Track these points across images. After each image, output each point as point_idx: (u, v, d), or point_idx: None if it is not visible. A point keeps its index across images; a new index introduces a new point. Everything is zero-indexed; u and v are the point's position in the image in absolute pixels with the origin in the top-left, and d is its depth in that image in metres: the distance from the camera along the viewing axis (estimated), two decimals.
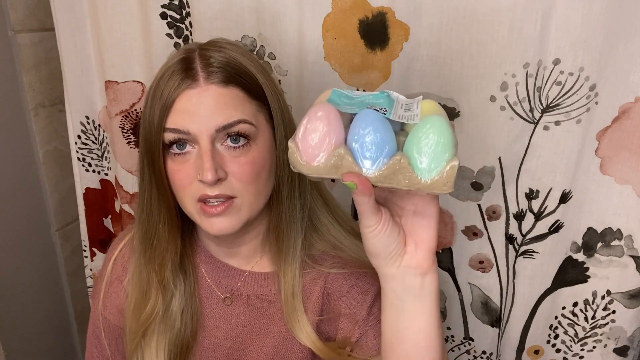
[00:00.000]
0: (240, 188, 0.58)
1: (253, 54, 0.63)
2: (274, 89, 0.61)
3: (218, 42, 0.61)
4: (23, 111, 1.01)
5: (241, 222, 0.59)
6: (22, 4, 0.97)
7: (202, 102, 0.56)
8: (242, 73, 0.58)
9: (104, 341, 0.70)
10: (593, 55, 0.66)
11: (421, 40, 0.72)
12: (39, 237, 1.09)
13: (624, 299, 0.76)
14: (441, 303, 0.89)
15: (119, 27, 0.91)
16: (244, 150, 0.57)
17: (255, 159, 0.58)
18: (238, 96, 0.57)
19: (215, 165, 0.55)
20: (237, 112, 0.56)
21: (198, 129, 0.55)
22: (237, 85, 0.57)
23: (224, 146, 0.57)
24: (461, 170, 0.77)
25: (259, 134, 0.58)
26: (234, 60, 0.58)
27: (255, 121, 0.58)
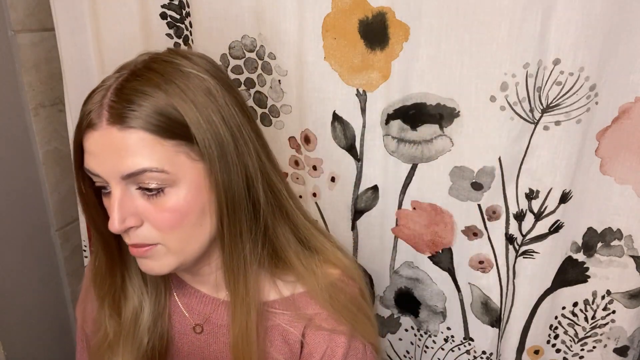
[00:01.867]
0: (160, 236, 0.53)
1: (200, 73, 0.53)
2: (211, 118, 0.51)
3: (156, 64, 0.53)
4: (23, 111, 1.01)
5: (172, 266, 0.55)
6: (22, 4, 0.97)
7: (104, 146, 0.50)
8: (156, 113, 0.49)
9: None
10: (593, 55, 0.66)
11: (421, 40, 0.72)
12: (39, 237, 1.09)
13: (624, 299, 0.76)
14: (441, 303, 0.89)
15: (119, 27, 0.91)
16: (159, 198, 0.51)
17: (175, 206, 0.51)
18: (144, 140, 0.49)
19: (123, 215, 0.51)
20: (141, 159, 0.49)
21: (105, 174, 0.51)
22: (145, 129, 0.49)
23: (139, 191, 0.51)
24: (461, 170, 0.77)
25: (178, 178, 0.51)
26: (149, 98, 0.49)
27: (171, 166, 0.50)
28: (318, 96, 0.81)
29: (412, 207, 0.84)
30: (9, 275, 1.03)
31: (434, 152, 0.78)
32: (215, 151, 0.51)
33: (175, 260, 0.54)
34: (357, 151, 0.84)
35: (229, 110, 0.53)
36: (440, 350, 0.93)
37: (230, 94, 0.55)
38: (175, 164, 0.51)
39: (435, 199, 0.81)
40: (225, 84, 0.55)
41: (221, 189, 0.52)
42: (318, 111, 0.83)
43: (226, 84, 0.55)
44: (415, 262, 0.88)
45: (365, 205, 0.88)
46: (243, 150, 0.53)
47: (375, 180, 0.85)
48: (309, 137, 0.86)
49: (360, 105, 0.80)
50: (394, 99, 0.77)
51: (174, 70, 0.52)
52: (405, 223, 0.86)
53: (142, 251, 0.53)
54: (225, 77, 0.56)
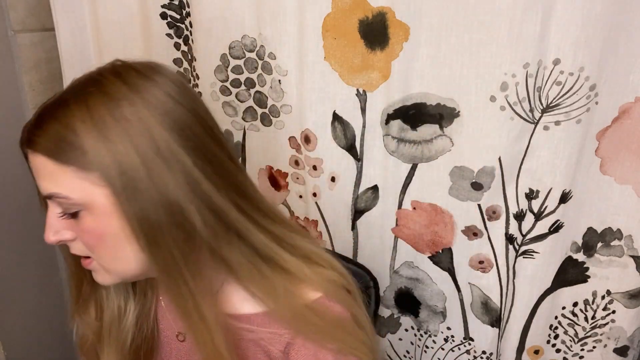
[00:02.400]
0: (91, 252, 0.53)
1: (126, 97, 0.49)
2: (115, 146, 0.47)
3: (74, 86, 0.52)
4: (23, 111, 1.01)
5: (112, 280, 0.55)
6: (22, 4, 0.97)
7: (30, 164, 0.51)
8: (54, 137, 0.47)
9: None
10: (593, 55, 0.66)
11: (421, 40, 0.72)
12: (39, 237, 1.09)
13: (624, 299, 0.76)
14: (441, 303, 0.89)
15: (119, 27, 0.91)
16: (77, 219, 0.51)
17: (89, 229, 0.50)
18: (46, 166, 0.48)
19: (55, 227, 0.52)
20: (47, 183, 0.49)
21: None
22: (44, 154, 0.48)
23: (61, 210, 0.51)
24: (461, 170, 0.77)
25: (86, 202, 0.49)
26: (51, 124, 0.48)
27: (74, 192, 0.48)
28: (318, 96, 0.81)
29: (412, 207, 0.84)
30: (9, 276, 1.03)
31: (434, 152, 0.78)
32: (119, 180, 0.48)
33: (111, 277, 0.54)
34: (357, 151, 0.84)
35: (149, 131, 0.48)
36: (440, 350, 0.93)
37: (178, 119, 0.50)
38: (78, 189, 0.48)
39: (435, 199, 0.81)
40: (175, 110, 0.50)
41: (132, 218, 0.49)
42: (318, 111, 0.83)
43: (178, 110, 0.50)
44: (415, 262, 0.88)
45: (365, 205, 0.88)
46: (162, 176, 0.48)
47: (375, 180, 0.85)
48: (309, 137, 0.86)
49: (360, 105, 0.80)
50: (394, 99, 0.77)
51: (93, 91, 0.49)
52: (405, 223, 0.86)
53: (85, 263, 0.54)
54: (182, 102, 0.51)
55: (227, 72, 0.87)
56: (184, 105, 0.51)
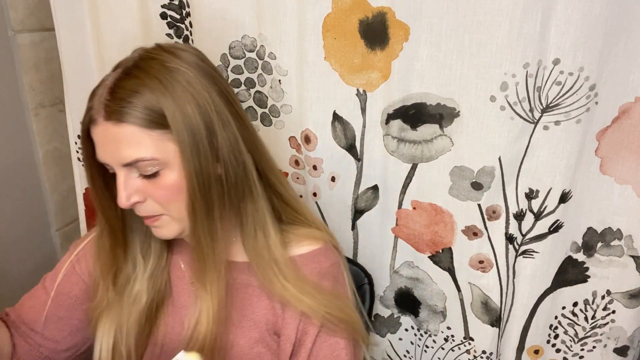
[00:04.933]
0: (162, 208, 0.61)
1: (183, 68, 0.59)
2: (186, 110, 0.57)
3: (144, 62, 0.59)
4: (23, 111, 1.01)
5: (177, 232, 0.64)
6: (22, 4, 0.97)
7: (105, 139, 0.58)
8: (141, 107, 0.56)
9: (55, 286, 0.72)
10: (593, 55, 0.66)
11: (421, 40, 0.72)
12: (39, 237, 1.09)
13: (624, 299, 0.76)
14: (441, 303, 0.89)
15: (119, 27, 0.91)
16: (156, 178, 0.59)
17: (168, 184, 0.59)
18: (134, 133, 0.57)
19: (129, 192, 0.59)
20: (134, 150, 0.57)
21: (110, 162, 0.59)
22: (133, 123, 0.56)
23: (137, 174, 0.59)
24: (461, 170, 0.77)
25: (169, 161, 0.58)
26: (135, 94, 0.56)
27: (159, 153, 0.58)
28: (318, 96, 0.81)
29: (412, 206, 0.84)
30: (9, 275, 1.03)
31: (434, 152, 0.78)
32: (188, 139, 0.57)
33: (179, 227, 0.63)
34: (357, 151, 0.84)
35: (207, 98, 0.59)
36: (441, 350, 0.94)
37: (211, 83, 0.60)
38: (164, 150, 0.58)
39: (435, 199, 0.81)
40: (207, 74, 0.60)
41: (192, 173, 0.58)
42: (318, 111, 0.83)
43: (208, 74, 0.61)
44: (415, 261, 0.88)
45: (366, 205, 0.88)
46: (218, 136, 0.59)
47: (375, 180, 0.85)
48: (309, 136, 0.86)
49: (360, 105, 0.80)
50: (394, 99, 0.77)
51: (158, 66, 0.58)
52: (405, 223, 0.86)
53: (151, 221, 0.62)
54: (207, 68, 0.62)
55: (227, 72, 0.87)
56: (217, 72, 0.63)
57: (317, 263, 0.69)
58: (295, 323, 0.66)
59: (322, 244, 0.71)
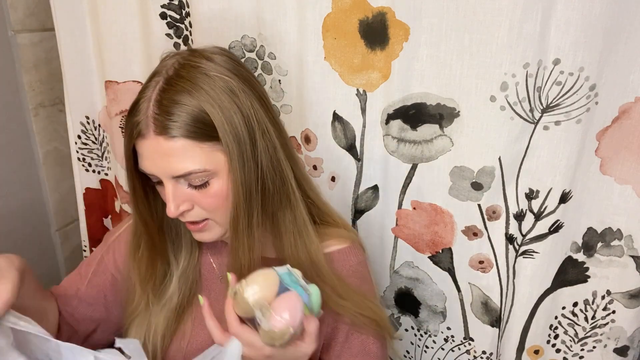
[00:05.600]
0: (209, 214, 0.63)
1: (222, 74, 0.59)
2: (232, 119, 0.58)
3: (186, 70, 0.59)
4: (23, 111, 1.01)
5: (220, 234, 0.65)
6: (22, 4, 0.97)
7: (155, 152, 0.58)
8: (193, 121, 0.57)
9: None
10: (593, 55, 0.66)
11: (421, 40, 0.72)
12: (39, 237, 1.09)
13: (624, 299, 0.76)
14: (441, 303, 0.89)
15: (119, 27, 0.91)
16: (205, 188, 0.60)
17: (218, 192, 0.60)
18: (186, 147, 0.57)
19: (177, 202, 0.60)
20: (186, 163, 0.58)
21: (159, 174, 0.59)
22: (186, 136, 0.57)
23: (186, 182, 0.60)
24: (461, 170, 0.77)
25: (217, 172, 0.60)
26: (186, 108, 0.57)
27: (210, 164, 0.59)
28: (318, 96, 0.81)
29: (412, 207, 0.84)
30: None
31: (434, 152, 0.78)
32: (235, 150, 0.58)
33: (222, 230, 0.65)
34: (357, 151, 0.84)
35: (249, 107, 0.59)
36: (441, 350, 0.94)
37: (251, 89, 0.61)
38: (214, 161, 0.59)
39: (435, 199, 0.81)
40: (245, 80, 0.61)
41: (238, 181, 0.59)
42: (318, 111, 0.83)
43: (247, 79, 0.61)
44: (415, 262, 0.88)
45: (366, 205, 0.88)
46: (258, 146, 0.60)
47: (375, 180, 0.85)
48: (309, 136, 0.86)
49: (360, 105, 0.80)
50: (394, 99, 0.77)
51: (201, 75, 0.58)
52: (405, 223, 0.86)
53: (198, 227, 0.63)
54: (245, 72, 0.62)
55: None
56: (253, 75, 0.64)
57: (345, 261, 0.71)
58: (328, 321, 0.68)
59: (349, 243, 0.73)
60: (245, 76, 0.61)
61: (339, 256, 0.71)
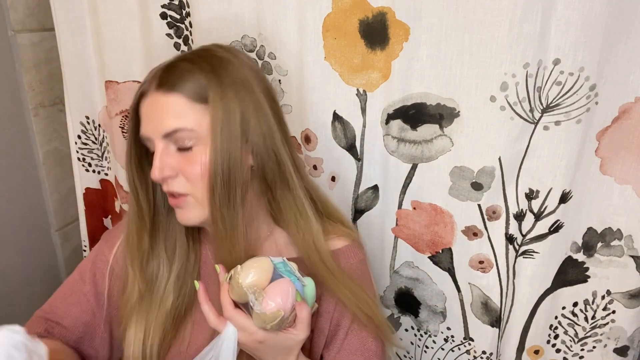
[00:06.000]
0: (190, 187, 0.62)
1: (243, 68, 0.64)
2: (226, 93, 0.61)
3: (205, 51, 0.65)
4: (23, 111, 1.01)
5: (199, 217, 0.64)
6: (22, 4, 0.97)
7: (151, 109, 0.62)
8: (189, 80, 0.61)
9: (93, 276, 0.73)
10: (593, 55, 0.66)
11: (421, 40, 0.72)
12: (39, 237, 1.09)
13: (624, 299, 0.76)
14: (441, 303, 0.89)
15: (119, 27, 0.91)
16: (188, 154, 0.62)
17: (202, 159, 0.61)
18: (179, 103, 0.61)
19: (162, 165, 0.61)
20: (176, 120, 0.60)
21: (151, 134, 0.62)
22: (179, 92, 0.60)
23: (174, 147, 0.62)
24: (461, 170, 0.77)
25: (204, 136, 0.61)
26: (186, 69, 0.61)
27: (198, 126, 0.61)
28: (318, 96, 0.81)
29: (412, 207, 0.84)
30: (9, 275, 1.03)
31: (434, 152, 0.78)
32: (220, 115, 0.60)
33: (201, 212, 0.63)
34: (357, 151, 0.84)
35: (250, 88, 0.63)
36: (440, 350, 0.93)
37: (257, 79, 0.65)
38: (202, 125, 0.61)
39: (435, 199, 0.81)
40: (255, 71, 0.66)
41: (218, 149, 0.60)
42: (318, 111, 0.83)
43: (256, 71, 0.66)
44: (415, 262, 0.88)
45: (366, 205, 0.88)
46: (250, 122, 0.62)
47: (375, 180, 0.85)
48: (310, 136, 0.86)
49: (360, 105, 0.80)
50: (394, 99, 0.77)
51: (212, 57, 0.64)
52: (405, 223, 0.86)
53: (177, 201, 0.64)
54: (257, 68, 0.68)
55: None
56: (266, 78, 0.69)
57: (346, 260, 0.72)
58: (330, 314, 0.69)
59: (349, 242, 0.74)
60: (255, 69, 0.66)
61: (340, 254, 0.72)
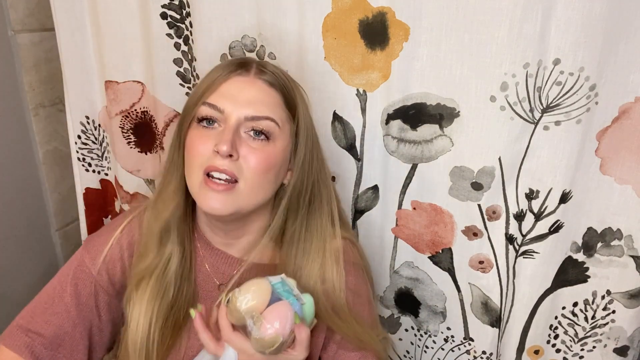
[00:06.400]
0: (246, 174, 0.62)
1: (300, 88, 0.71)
2: (306, 113, 0.68)
3: (272, 63, 0.69)
4: (23, 111, 1.01)
5: (234, 208, 0.63)
6: (22, 4, 0.97)
7: (245, 90, 0.63)
8: (287, 86, 0.66)
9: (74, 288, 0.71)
10: (593, 55, 0.66)
11: (421, 40, 0.72)
12: (39, 237, 1.09)
13: (624, 299, 0.76)
14: (441, 303, 0.89)
15: (119, 27, 0.91)
16: (261, 143, 0.63)
17: (269, 155, 0.63)
18: (276, 99, 0.65)
19: (233, 142, 0.61)
20: (270, 110, 0.64)
21: (232, 110, 0.62)
22: (279, 91, 0.65)
23: (247, 134, 0.63)
24: (461, 170, 0.77)
25: (280, 138, 0.64)
26: (284, 74, 0.67)
27: (282, 125, 0.65)
28: (318, 96, 0.81)
29: (412, 207, 0.84)
30: (9, 275, 1.03)
31: (434, 152, 0.78)
32: (305, 137, 0.67)
33: (241, 204, 0.63)
34: (357, 151, 0.84)
35: (308, 115, 0.69)
36: (440, 350, 0.93)
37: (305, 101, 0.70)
38: (284, 126, 0.65)
39: (435, 199, 0.81)
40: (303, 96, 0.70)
41: (300, 168, 0.67)
42: (318, 111, 0.83)
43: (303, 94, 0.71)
44: (415, 262, 0.88)
45: (365, 205, 0.88)
46: (313, 149, 0.69)
47: (375, 180, 0.85)
48: None
49: (360, 105, 0.80)
50: (394, 99, 0.77)
51: (284, 73, 0.69)
52: (405, 223, 0.86)
53: (223, 187, 0.62)
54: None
55: None
56: None
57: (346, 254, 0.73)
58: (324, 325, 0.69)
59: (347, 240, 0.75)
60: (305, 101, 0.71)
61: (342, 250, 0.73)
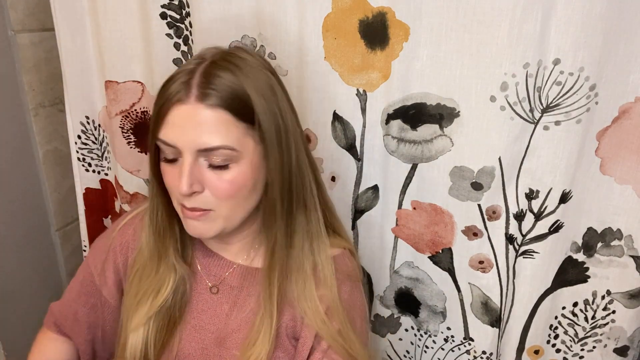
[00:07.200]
0: (216, 203, 0.61)
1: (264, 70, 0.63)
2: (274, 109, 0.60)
3: (232, 57, 0.61)
4: (23, 111, 1.01)
5: (216, 231, 0.63)
6: (22, 4, 0.97)
7: (189, 120, 0.57)
8: (236, 97, 0.58)
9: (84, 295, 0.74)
10: (593, 55, 0.66)
11: (421, 40, 0.72)
12: (39, 237, 1.09)
13: (624, 299, 0.76)
14: (441, 303, 0.89)
15: (119, 27, 0.91)
16: (223, 171, 0.59)
17: (234, 179, 0.60)
18: (224, 120, 0.58)
19: (191, 180, 0.58)
20: (220, 137, 0.57)
21: (182, 145, 0.58)
22: (226, 109, 0.58)
23: (206, 162, 0.59)
24: (461, 170, 0.77)
25: (242, 157, 0.59)
26: (231, 83, 0.58)
27: (240, 145, 0.59)
28: (318, 96, 0.82)
29: (412, 207, 0.84)
30: (9, 275, 1.03)
31: (434, 152, 0.78)
32: (275, 139, 0.60)
33: (221, 225, 0.63)
34: (357, 151, 0.84)
35: (284, 106, 0.62)
36: (440, 350, 0.94)
37: (284, 93, 0.64)
38: (243, 144, 0.59)
39: (435, 199, 0.81)
40: (280, 83, 0.64)
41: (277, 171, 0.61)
42: (318, 111, 0.83)
43: (281, 83, 0.64)
44: (415, 262, 0.88)
45: (366, 205, 0.88)
46: (291, 142, 0.62)
47: (375, 180, 0.85)
48: (310, 136, 0.86)
49: (360, 105, 0.80)
50: (394, 99, 0.77)
51: (245, 65, 0.60)
52: (405, 223, 0.86)
53: (197, 214, 0.61)
54: (278, 77, 0.65)
55: None
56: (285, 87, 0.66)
57: (343, 265, 0.71)
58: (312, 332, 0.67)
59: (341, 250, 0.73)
60: (278, 78, 0.64)
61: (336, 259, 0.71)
